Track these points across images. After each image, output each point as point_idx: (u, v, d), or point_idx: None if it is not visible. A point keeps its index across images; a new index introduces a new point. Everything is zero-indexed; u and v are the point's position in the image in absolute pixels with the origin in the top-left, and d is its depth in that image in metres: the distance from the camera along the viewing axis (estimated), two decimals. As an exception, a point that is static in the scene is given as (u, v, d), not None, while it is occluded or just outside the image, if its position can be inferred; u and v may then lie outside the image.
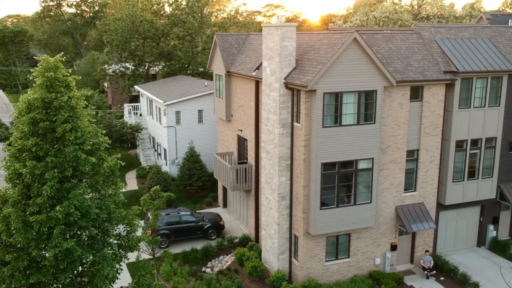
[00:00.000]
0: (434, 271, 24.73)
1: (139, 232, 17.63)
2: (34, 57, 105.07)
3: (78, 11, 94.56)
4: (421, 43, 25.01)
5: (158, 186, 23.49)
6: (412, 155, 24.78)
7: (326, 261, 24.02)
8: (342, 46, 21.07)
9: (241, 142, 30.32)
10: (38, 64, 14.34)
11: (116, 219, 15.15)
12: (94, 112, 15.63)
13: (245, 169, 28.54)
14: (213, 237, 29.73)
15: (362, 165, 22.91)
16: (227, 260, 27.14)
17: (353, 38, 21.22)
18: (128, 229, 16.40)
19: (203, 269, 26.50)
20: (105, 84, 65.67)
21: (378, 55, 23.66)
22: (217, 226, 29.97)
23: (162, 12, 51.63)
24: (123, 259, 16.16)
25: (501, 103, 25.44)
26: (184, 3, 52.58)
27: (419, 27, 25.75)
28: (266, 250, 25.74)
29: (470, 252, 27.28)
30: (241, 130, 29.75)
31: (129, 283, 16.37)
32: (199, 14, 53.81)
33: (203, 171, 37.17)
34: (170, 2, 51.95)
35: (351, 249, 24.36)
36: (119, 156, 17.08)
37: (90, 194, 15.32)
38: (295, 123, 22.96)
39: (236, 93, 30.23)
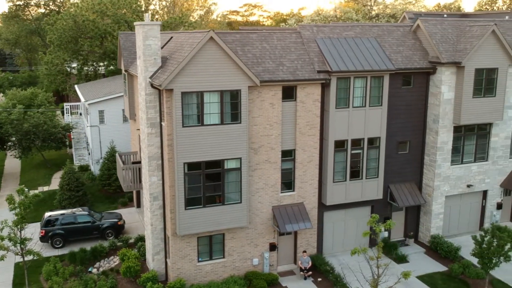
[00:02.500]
0: (310, 272, 24.58)
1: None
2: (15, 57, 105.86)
3: (48, 11, 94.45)
4: (300, 43, 24.88)
5: (23, 185, 23.28)
6: (289, 155, 24.63)
7: (199, 261, 23.88)
8: (197, 46, 20.94)
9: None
10: None
11: None
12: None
13: (139, 169, 28.37)
14: (110, 237, 29.61)
15: (230, 165, 22.77)
16: (115, 261, 27.01)
17: (209, 38, 21.09)
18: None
19: (90, 269, 26.37)
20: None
21: (249, 54, 23.57)
22: (116, 226, 29.83)
23: (105, 12, 51.35)
24: None
25: (383, 103, 25.28)
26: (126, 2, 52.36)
27: (300, 26, 25.62)
28: (147, 251, 25.62)
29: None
30: (139, 129, 29.61)
31: None
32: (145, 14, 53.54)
33: (122, 171, 36.98)
34: (113, 1, 51.71)
35: (226, 249, 24.22)
36: None
37: None
38: (162, 123, 22.83)
39: (136, 92, 30.09)
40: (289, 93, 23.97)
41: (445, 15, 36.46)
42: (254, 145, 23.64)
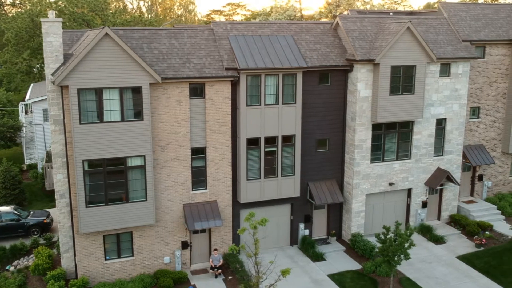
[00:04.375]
0: (220, 270, 24.44)
1: None
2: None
3: (23, 10, 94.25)
4: (211, 40, 24.76)
5: None
6: (200, 153, 24.49)
7: (106, 259, 23.74)
8: (91, 42, 20.85)
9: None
10: None
11: None
12: None
13: (61, 166, 28.21)
14: (36, 235, 29.48)
15: (133, 162, 22.66)
16: (34, 259, 26.88)
17: (104, 34, 20.98)
18: None
19: (8, 267, 26.24)
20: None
21: (155, 51, 23.46)
22: (41, 224, 29.72)
23: (62, 10, 51.17)
24: None
25: (297, 100, 25.13)
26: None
27: (213, 23, 25.50)
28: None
29: (278, 251, 26.92)
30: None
31: None
32: (103, 13, 53.51)
33: (63, 169, 36.84)
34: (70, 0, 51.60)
35: (135, 248, 24.08)
36: None
37: None
38: (65, 120, 22.69)
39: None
40: (197, 91, 23.84)
41: (391, 13, 36.38)
42: (161, 142, 23.51)
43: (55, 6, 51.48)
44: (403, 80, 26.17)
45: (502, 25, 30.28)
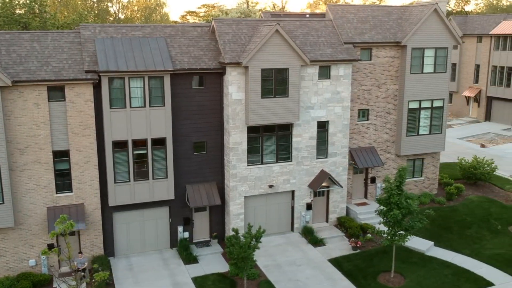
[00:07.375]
0: (83, 273, 24.41)
1: None
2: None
3: None
4: (77, 43, 24.80)
5: None
6: (63, 156, 24.51)
7: (-33, 262, 23.82)
8: None
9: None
10: None
11: None
12: None
13: None
14: None
15: (-13, 165, 22.69)
16: None
17: None
18: None
19: None
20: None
21: (13, 54, 23.54)
22: None
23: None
24: None
25: (166, 103, 25.16)
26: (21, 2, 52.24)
27: (81, 26, 25.53)
28: None
29: (155, 254, 26.97)
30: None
31: None
32: (42, 15, 53.46)
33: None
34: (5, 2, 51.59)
35: (-3, 250, 24.16)
36: None
37: None
38: None
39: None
40: (58, 93, 23.85)
41: (307, 16, 36.40)
42: (19, 145, 23.51)
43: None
44: (275, 83, 26.19)
45: (391, 27, 30.32)
